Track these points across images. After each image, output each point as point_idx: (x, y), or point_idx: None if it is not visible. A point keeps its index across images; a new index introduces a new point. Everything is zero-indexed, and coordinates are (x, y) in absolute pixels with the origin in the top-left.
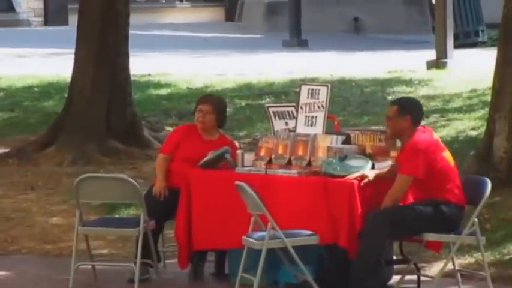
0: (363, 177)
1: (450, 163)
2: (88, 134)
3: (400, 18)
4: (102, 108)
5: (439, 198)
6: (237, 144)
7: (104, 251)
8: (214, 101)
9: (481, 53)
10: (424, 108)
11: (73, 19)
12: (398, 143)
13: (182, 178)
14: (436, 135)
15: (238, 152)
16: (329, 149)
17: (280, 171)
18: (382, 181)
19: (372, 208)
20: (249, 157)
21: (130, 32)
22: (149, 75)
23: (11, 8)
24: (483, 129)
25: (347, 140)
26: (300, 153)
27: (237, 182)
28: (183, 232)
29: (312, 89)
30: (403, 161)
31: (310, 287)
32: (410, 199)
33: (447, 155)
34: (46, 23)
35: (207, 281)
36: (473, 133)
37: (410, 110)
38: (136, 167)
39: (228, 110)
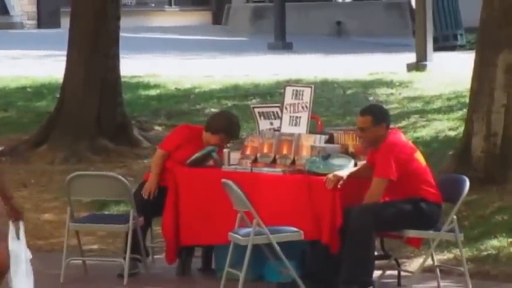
0: (337, 179)
1: (422, 163)
2: (79, 133)
3: (381, 22)
4: (93, 108)
5: (417, 196)
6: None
7: (94, 247)
8: (238, 132)
9: (459, 56)
10: (405, 109)
11: (65, 22)
12: None
13: (168, 176)
14: (405, 137)
15: (225, 150)
16: (313, 148)
17: (265, 170)
18: (361, 178)
19: (352, 205)
20: (235, 156)
21: (121, 34)
22: (139, 76)
23: (5, 11)
24: (461, 129)
25: (330, 140)
26: (285, 152)
27: (224, 180)
28: (170, 228)
29: (296, 90)
30: (377, 165)
31: (297, 284)
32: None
33: (419, 155)
34: (39, 25)
35: (194, 276)
36: (452, 133)
37: (384, 118)
38: (126, 165)
39: (215, 110)
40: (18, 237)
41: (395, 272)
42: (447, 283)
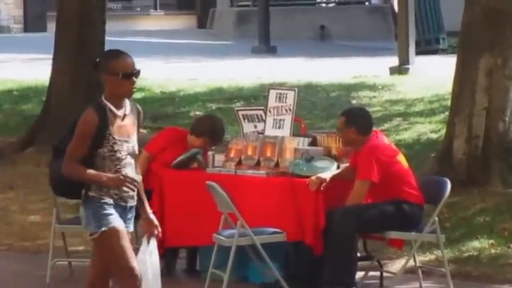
0: (320, 181)
1: (404, 165)
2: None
3: (364, 26)
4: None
5: (399, 198)
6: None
7: (80, 248)
8: (222, 138)
9: (441, 59)
10: (387, 112)
11: (51, 26)
12: None
13: (152, 179)
14: (388, 140)
15: (210, 153)
16: (296, 150)
17: (249, 172)
18: (344, 180)
19: (335, 207)
20: (219, 158)
21: (107, 38)
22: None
23: None
24: (443, 132)
25: (313, 142)
26: (268, 154)
27: (208, 182)
28: None
29: (280, 93)
30: (359, 167)
31: (280, 284)
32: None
33: (401, 158)
34: (26, 29)
35: (178, 277)
36: (434, 136)
37: (354, 122)
38: None
39: (199, 113)
40: (151, 253)
41: (377, 273)
42: (429, 284)
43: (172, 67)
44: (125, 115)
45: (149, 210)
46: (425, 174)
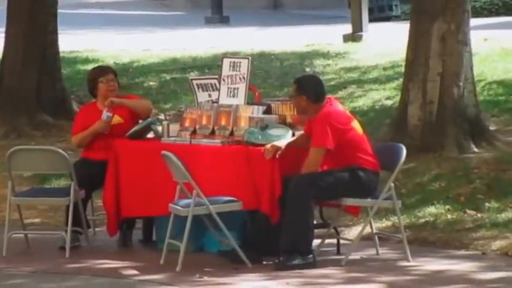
0: (276, 149)
1: (359, 132)
2: (19, 108)
3: None
4: (32, 83)
5: (354, 165)
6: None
7: (36, 220)
8: (111, 68)
9: (394, 26)
10: (341, 80)
11: None
12: None
13: (104, 151)
14: (342, 107)
15: (164, 122)
16: (251, 119)
17: (204, 141)
18: (299, 148)
19: (290, 175)
20: (174, 128)
21: (60, 11)
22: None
23: None
24: (398, 98)
25: (268, 110)
26: (223, 123)
27: (163, 152)
28: (111, 200)
29: (234, 62)
30: (313, 135)
31: (236, 253)
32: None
33: (355, 124)
34: None
35: (135, 248)
36: (389, 102)
37: (306, 90)
38: (65, 140)
39: (153, 83)
40: None
41: (334, 241)
42: (386, 250)
43: (126, 38)
44: None
45: None
46: (380, 141)
